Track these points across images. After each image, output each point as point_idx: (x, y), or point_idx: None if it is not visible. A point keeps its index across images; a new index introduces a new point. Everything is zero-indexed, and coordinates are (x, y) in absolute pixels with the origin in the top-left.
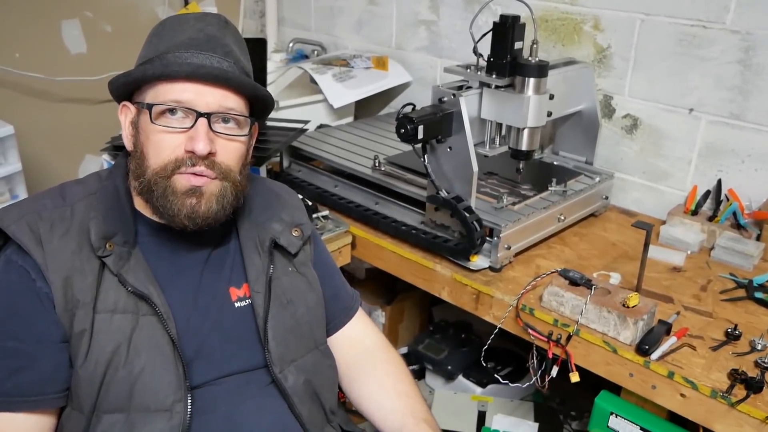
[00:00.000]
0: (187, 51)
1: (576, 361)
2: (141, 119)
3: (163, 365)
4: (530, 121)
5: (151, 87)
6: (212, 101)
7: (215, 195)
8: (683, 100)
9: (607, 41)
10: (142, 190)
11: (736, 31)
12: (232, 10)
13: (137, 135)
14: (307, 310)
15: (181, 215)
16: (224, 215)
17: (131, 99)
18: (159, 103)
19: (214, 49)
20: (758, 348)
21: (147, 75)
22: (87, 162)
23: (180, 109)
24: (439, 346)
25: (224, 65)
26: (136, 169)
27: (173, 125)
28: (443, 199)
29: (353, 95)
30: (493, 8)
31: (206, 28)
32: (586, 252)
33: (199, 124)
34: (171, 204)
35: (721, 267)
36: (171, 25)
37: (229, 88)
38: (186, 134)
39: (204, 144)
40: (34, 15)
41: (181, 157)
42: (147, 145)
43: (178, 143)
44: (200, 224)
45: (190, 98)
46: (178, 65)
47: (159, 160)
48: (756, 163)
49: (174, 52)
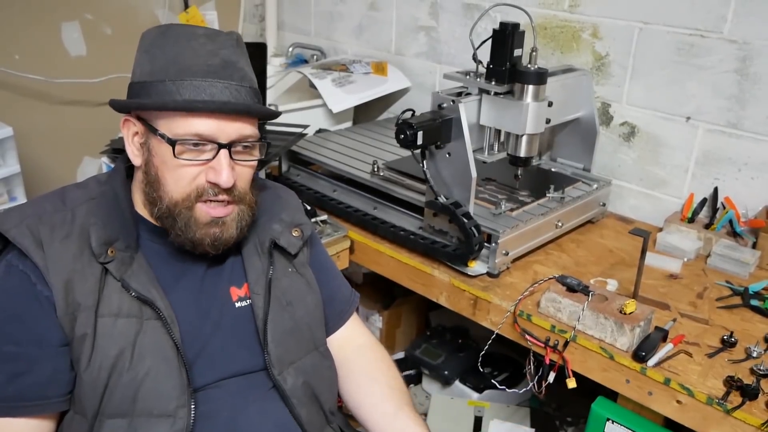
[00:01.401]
0: (204, 80)
1: (573, 367)
2: (155, 145)
3: (167, 370)
4: (529, 128)
5: (166, 114)
6: (232, 132)
7: (235, 221)
8: (681, 108)
9: (606, 49)
10: (162, 216)
11: (734, 41)
12: (232, 14)
13: (150, 157)
14: (307, 311)
15: (204, 243)
16: (241, 236)
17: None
18: (180, 137)
19: (232, 76)
20: (754, 355)
21: (168, 108)
22: (86, 164)
23: (200, 141)
24: (436, 351)
25: (242, 93)
26: (151, 192)
27: (194, 158)
28: (442, 204)
29: (352, 100)
30: (493, 15)
31: (221, 51)
32: (584, 258)
33: (221, 156)
34: (194, 234)
35: (717, 274)
36: (176, 38)
37: (250, 116)
38: (206, 165)
39: (228, 176)
40: (35, 17)
41: (203, 187)
42: (164, 172)
43: (198, 172)
44: (221, 250)
45: (212, 131)
46: (202, 103)
47: (179, 189)
48: (752, 172)
49: (190, 79)
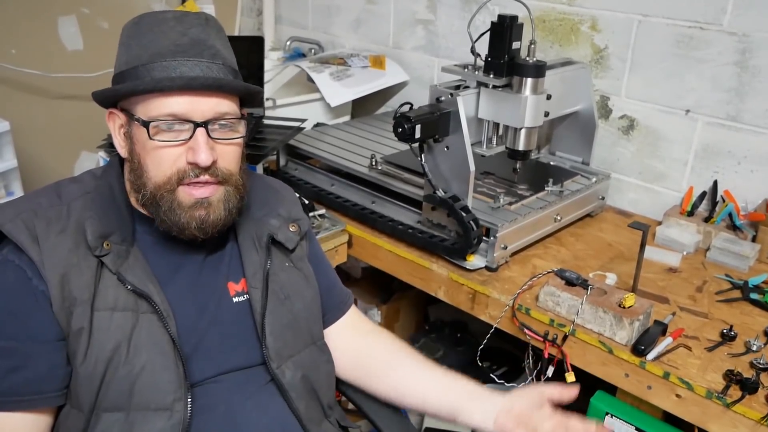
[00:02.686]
0: (174, 59)
1: (572, 361)
2: (135, 132)
3: (163, 364)
4: (527, 121)
5: (141, 99)
6: (207, 109)
7: (222, 201)
8: (680, 101)
9: (605, 42)
10: (146, 203)
11: (733, 33)
12: (229, 8)
13: (132, 145)
14: (304, 305)
15: (191, 227)
16: (231, 219)
17: (117, 106)
18: (154, 118)
19: (201, 53)
20: (753, 349)
21: (138, 90)
22: (83, 159)
23: (175, 122)
24: (434, 345)
25: (214, 69)
26: (136, 180)
27: (170, 139)
28: (440, 198)
29: (350, 94)
30: (491, 8)
31: (189, 30)
32: (583, 252)
33: (198, 135)
34: (179, 218)
35: (716, 268)
36: (148, 26)
37: (222, 93)
38: (185, 145)
39: (206, 155)
40: (31, 11)
41: (183, 169)
42: (145, 158)
43: (178, 154)
44: (210, 233)
45: (186, 110)
46: (170, 79)
47: (161, 173)
48: (752, 165)
49: (160, 61)
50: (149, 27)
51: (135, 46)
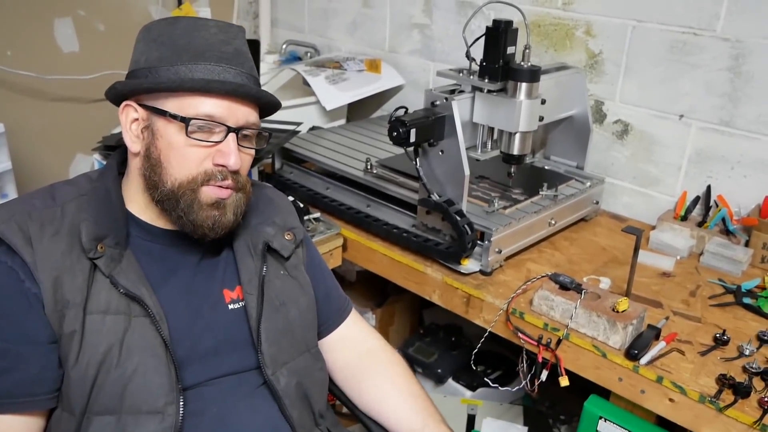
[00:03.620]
0: (219, 64)
1: (565, 365)
2: (161, 126)
3: (156, 367)
4: (522, 126)
5: (175, 96)
6: (241, 117)
7: (233, 206)
8: (674, 106)
9: (599, 47)
10: (162, 200)
11: (727, 39)
12: (225, 11)
13: (153, 140)
14: (299, 313)
15: (205, 226)
16: (236, 223)
17: (133, 98)
18: (192, 117)
19: (243, 65)
20: (746, 353)
21: (185, 87)
22: (78, 161)
23: (213, 123)
24: (429, 349)
25: (251, 82)
26: (152, 176)
27: (204, 139)
28: (435, 202)
29: (346, 98)
30: (486, 13)
31: (233, 41)
32: (577, 256)
33: (230, 139)
34: (196, 216)
35: (710, 272)
36: (186, 29)
37: (255, 104)
38: (214, 147)
39: (236, 159)
40: (27, 13)
41: (211, 171)
42: (169, 155)
43: (206, 156)
44: (219, 234)
45: (224, 114)
46: (219, 83)
47: (185, 172)
48: (745, 170)
49: (204, 63)
50: (187, 30)
51: (170, 44)
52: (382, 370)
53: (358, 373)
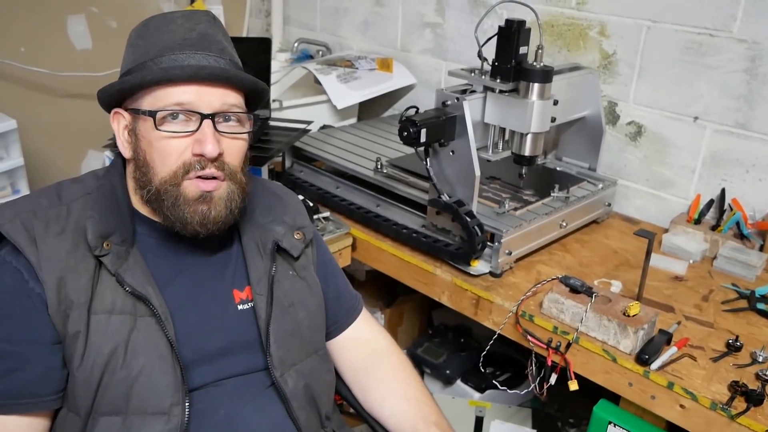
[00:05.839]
0: (182, 52)
1: (575, 369)
2: (140, 126)
3: (161, 368)
4: (534, 127)
5: (148, 92)
6: (214, 101)
7: (224, 199)
8: (688, 108)
9: (613, 47)
10: (150, 199)
11: (743, 40)
12: (237, 9)
13: (137, 142)
14: (308, 314)
15: (193, 222)
16: (232, 219)
17: (122, 105)
18: (161, 108)
19: (209, 48)
20: (759, 360)
21: (146, 81)
22: (90, 158)
23: (182, 113)
24: (438, 350)
25: (221, 63)
26: (141, 177)
27: (177, 129)
28: (445, 202)
29: (357, 96)
30: (499, 12)
31: (197, 26)
32: (588, 259)
33: (204, 126)
34: (183, 212)
35: (723, 277)
36: (156, 26)
37: (229, 85)
38: (191, 137)
39: (213, 146)
40: (40, 9)
41: (189, 161)
42: (151, 153)
43: (185, 147)
44: (211, 230)
45: (192, 100)
46: (179, 68)
47: (166, 167)
48: (760, 173)
49: (168, 54)
50: (157, 26)
51: (142, 45)
52: (384, 373)
53: (363, 374)
